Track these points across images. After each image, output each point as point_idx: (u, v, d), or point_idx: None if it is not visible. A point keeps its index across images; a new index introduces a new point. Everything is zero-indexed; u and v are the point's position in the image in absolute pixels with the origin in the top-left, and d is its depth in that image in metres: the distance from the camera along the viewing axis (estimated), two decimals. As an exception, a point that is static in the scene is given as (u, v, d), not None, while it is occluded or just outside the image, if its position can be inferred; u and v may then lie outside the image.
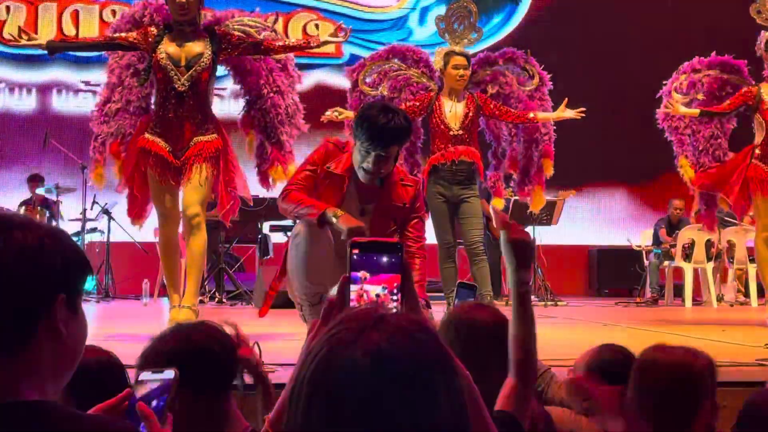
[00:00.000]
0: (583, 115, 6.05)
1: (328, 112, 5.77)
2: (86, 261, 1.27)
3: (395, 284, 1.33)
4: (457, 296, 2.55)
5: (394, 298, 1.32)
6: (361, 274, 1.32)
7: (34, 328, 1.19)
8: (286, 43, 5.11)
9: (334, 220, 3.65)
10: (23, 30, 4.97)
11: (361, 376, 0.96)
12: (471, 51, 6.22)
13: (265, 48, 4.97)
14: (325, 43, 5.14)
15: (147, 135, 4.85)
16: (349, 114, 5.73)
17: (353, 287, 1.32)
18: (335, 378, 0.97)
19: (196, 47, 4.82)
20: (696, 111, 6.19)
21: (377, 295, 1.31)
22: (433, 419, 0.96)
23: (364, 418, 0.95)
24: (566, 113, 6.04)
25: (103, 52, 5.40)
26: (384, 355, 0.97)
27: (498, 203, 6.69)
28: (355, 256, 1.33)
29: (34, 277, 1.19)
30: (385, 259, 1.33)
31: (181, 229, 4.95)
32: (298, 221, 3.96)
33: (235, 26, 5.05)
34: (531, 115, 6.05)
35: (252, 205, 5.38)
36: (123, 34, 4.96)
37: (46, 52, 4.99)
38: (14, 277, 1.16)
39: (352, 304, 1.30)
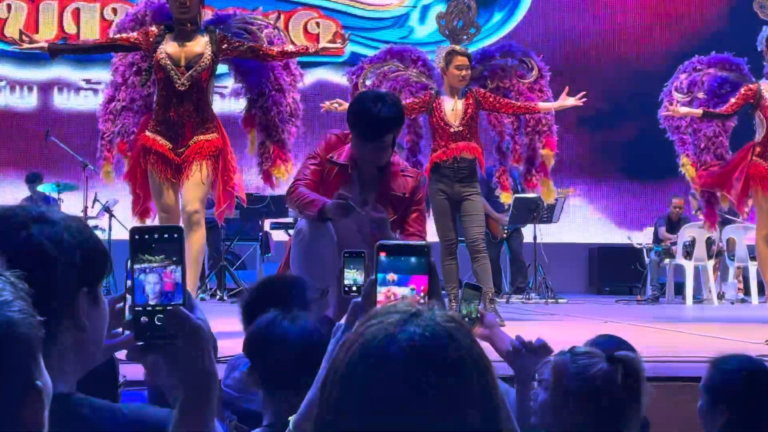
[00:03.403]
0: (585, 99, 6.05)
1: (327, 103, 5.79)
2: (104, 251, 1.26)
3: (422, 286, 1.33)
4: (463, 298, 2.56)
5: (421, 299, 1.32)
6: (389, 276, 1.33)
7: (60, 323, 1.19)
8: (285, 49, 5.12)
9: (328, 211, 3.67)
10: (24, 33, 4.99)
11: (395, 369, 0.95)
12: (470, 48, 6.23)
13: (263, 54, 4.99)
14: (324, 49, 5.15)
15: (148, 133, 4.87)
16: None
17: (381, 289, 1.32)
18: (369, 371, 0.96)
19: (196, 47, 4.83)
20: (698, 111, 6.17)
21: (404, 297, 1.31)
22: (466, 414, 0.96)
23: (398, 412, 0.94)
24: (567, 101, 6.05)
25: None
26: (419, 349, 0.96)
27: (506, 198, 6.69)
28: (382, 258, 1.34)
29: (56, 275, 1.18)
30: (412, 260, 1.34)
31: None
32: (300, 218, 3.98)
33: (237, 24, 5.06)
34: (532, 104, 6.06)
35: (245, 205, 5.39)
36: (124, 35, 4.97)
37: (47, 54, 5.02)
38: (36, 276, 1.13)
39: (379, 306, 1.29)
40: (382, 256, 1.33)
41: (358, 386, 0.96)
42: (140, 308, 1.17)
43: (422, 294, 1.32)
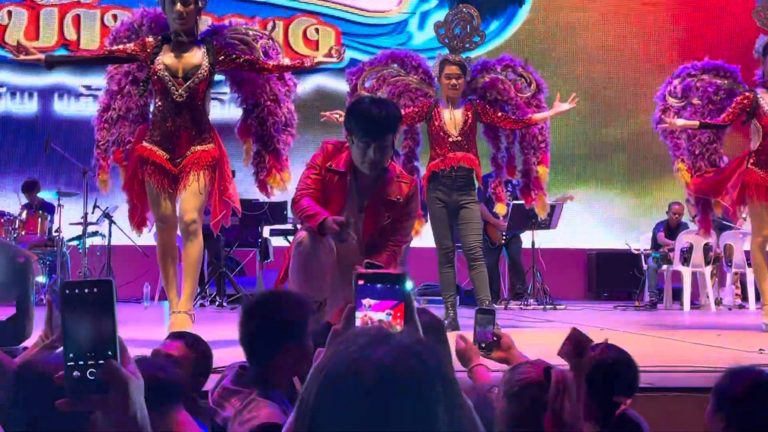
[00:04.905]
0: (578, 99, 6.10)
1: (328, 113, 5.79)
2: None
3: (398, 312, 1.39)
4: (478, 324, 2.60)
5: (397, 324, 1.39)
6: (365, 302, 1.39)
7: None
8: (281, 62, 5.14)
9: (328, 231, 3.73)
10: (21, 44, 5.03)
11: (366, 390, 0.99)
12: (472, 55, 6.25)
13: (259, 67, 5.03)
14: (319, 63, 5.17)
15: (145, 143, 4.90)
16: None
17: (358, 314, 1.39)
18: (341, 392, 1.00)
19: (193, 58, 4.86)
20: (695, 123, 6.16)
21: (380, 321, 1.38)
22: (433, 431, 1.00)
23: (367, 429, 0.98)
24: (562, 107, 6.09)
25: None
26: (388, 371, 1.00)
27: (501, 209, 6.72)
28: (360, 286, 1.40)
29: None
30: (388, 288, 1.41)
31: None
32: (300, 228, 4.02)
33: (232, 35, 5.09)
34: (528, 117, 6.08)
35: (240, 215, 5.43)
36: (121, 47, 4.99)
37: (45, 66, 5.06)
38: None
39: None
40: (360, 284, 1.40)
41: (331, 405, 1.01)
42: (72, 363, 1.15)
43: (398, 320, 1.39)
